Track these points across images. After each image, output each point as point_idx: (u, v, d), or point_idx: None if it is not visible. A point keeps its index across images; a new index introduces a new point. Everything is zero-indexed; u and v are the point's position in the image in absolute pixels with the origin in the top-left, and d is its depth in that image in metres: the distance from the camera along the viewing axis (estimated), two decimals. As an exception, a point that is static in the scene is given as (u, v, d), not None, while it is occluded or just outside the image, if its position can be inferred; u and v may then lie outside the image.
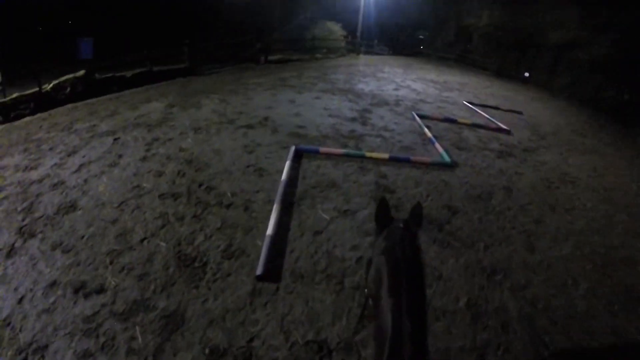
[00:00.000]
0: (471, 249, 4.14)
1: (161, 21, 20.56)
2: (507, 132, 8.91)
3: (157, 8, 20.95)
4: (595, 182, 6.78)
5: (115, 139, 6.36)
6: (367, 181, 5.17)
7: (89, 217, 4.21)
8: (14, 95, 9.99)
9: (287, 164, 5.28)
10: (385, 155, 5.88)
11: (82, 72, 11.22)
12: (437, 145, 6.78)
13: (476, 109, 10.63)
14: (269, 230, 3.91)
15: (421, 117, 8.54)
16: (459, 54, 23.51)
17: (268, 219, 4.15)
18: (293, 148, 5.77)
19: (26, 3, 19.31)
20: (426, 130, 7.53)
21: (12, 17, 18.88)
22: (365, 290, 1.45)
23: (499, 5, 20.42)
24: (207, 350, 2.72)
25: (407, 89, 12.14)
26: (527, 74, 19.30)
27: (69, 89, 10.89)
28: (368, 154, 5.85)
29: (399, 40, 24.06)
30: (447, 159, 6.19)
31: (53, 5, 20.17)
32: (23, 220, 4.20)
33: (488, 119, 9.74)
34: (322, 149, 5.83)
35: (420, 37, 25.80)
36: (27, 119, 8.90)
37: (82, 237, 3.89)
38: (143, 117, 7.59)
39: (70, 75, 11.11)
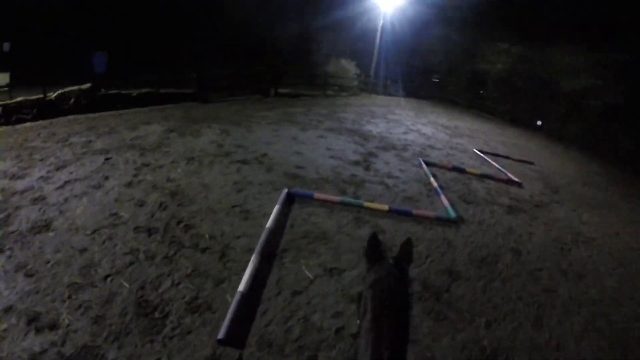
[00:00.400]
0: (471, 325, 3.63)
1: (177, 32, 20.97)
2: (519, 184, 8.47)
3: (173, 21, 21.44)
4: (610, 243, 6.27)
5: (106, 159, 6.15)
6: (361, 235, 4.73)
7: (60, 241, 3.93)
8: (19, 98, 9.99)
9: (276, 208, 4.89)
10: (385, 207, 5.45)
11: (88, 85, 11.22)
12: (443, 197, 6.36)
13: (487, 158, 10.25)
14: (242, 285, 3.47)
15: (428, 164, 8.17)
16: (471, 99, 23.42)
17: (244, 271, 3.74)
18: (285, 191, 5.40)
19: (46, 10, 19.85)
20: (432, 179, 7.13)
21: (31, 23, 19.39)
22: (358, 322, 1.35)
23: (514, 52, 20.44)
24: None
25: (416, 132, 11.86)
26: (539, 122, 19.02)
27: (73, 100, 10.84)
28: (366, 204, 5.44)
29: (413, 83, 24.12)
30: (452, 214, 5.75)
31: (71, 16, 20.74)
32: (-4, 232, 3.96)
33: (499, 169, 9.33)
34: (317, 195, 5.45)
35: (435, 80, 25.92)
36: (28, 124, 8.91)
37: (48, 262, 3.60)
38: (140, 139, 7.39)
39: (76, 87, 11.07)
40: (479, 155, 10.60)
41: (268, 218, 4.67)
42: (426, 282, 4.09)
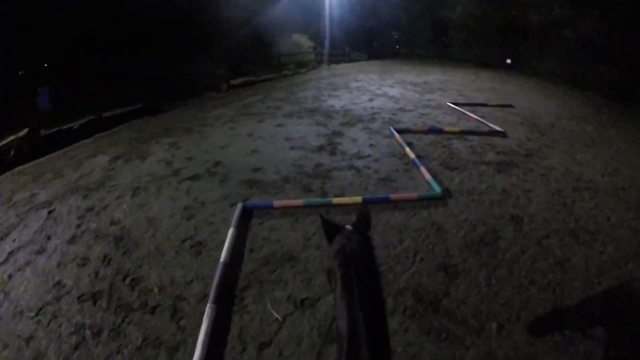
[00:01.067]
0: (480, 336, 2.92)
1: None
2: (502, 134, 7.75)
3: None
4: (613, 183, 5.63)
5: (49, 212, 5.22)
6: (333, 244, 3.94)
7: (5, 332, 3.20)
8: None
9: (231, 232, 4.06)
10: (358, 199, 4.66)
11: (25, 131, 10.10)
12: (423, 169, 5.58)
13: (463, 110, 9.46)
14: (197, 352, 2.71)
15: (400, 132, 7.36)
16: (437, 49, 22.46)
17: (199, 328, 2.96)
18: (240, 206, 4.55)
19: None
20: (407, 149, 6.34)
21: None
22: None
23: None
24: None
25: (383, 97, 10.99)
26: (509, 61, 18.24)
27: (13, 152, 9.74)
28: (335, 201, 4.63)
29: (373, 44, 22.98)
30: (436, 189, 4.99)
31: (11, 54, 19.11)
32: None
33: (479, 121, 8.57)
34: (277, 202, 4.62)
35: (395, 36, 24.77)
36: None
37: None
38: (84, 177, 6.42)
39: (13, 137, 9.99)
40: (455, 108, 9.81)
41: (223, 247, 3.85)
42: (418, 290, 3.34)
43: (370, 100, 10.47)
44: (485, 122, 8.38)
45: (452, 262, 3.71)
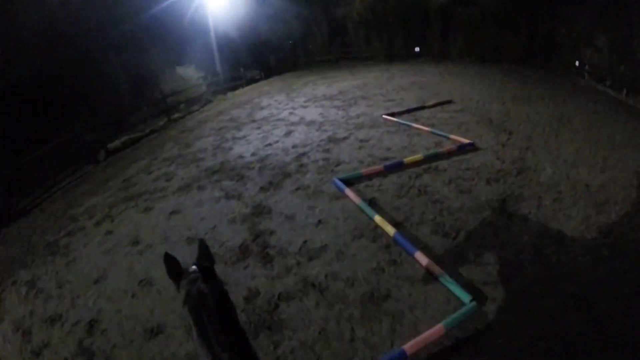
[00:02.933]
0: None
1: None
2: (472, 145, 5.96)
3: None
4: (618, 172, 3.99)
5: None
6: None
7: None
8: None
9: None
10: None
11: None
12: (420, 255, 3.35)
13: (405, 122, 7.58)
14: None
15: (349, 182, 5.13)
16: (339, 51, 20.81)
17: None
18: None
19: None
20: (377, 217, 4.08)
21: None
22: None
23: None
24: None
25: (301, 125, 8.72)
26: (417, 49, 17.21)
27: None
28: None
29: (269, 59, 20.68)
30: (465, 298, 2.80)
31: None
32: None
33: (434, 133, 6.72)
34: None
35: (289, 46, 22.73)
36: None
37: None
38: None
39: None
40: (393, 120, 7.91)
41: None
42: None
43: (288, 134, 8.12)
44: (443, 133, 6.57)
45: None
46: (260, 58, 20.34)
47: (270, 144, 7.59)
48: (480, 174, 4.96)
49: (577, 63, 12.26)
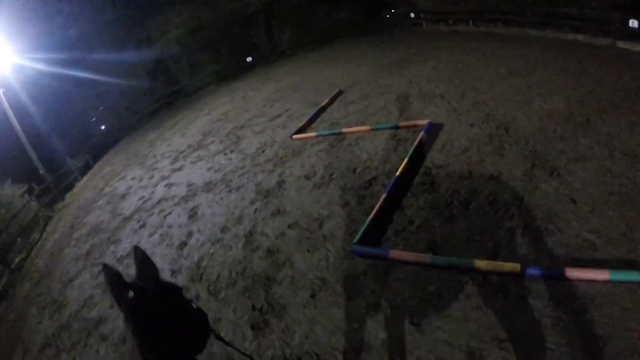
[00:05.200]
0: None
1: None
2: (431, 124, 4.97)
3: None
4: None
5: None
6: None
7: None
8: None
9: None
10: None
11: None
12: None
13: (331, 131, 6.24)
14: None
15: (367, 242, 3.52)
16: (164, 97, 17.42)
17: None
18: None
19: None
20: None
21: None
22: None
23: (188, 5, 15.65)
24: None
25: (202, 195, 6.53)
26: (249, 59, 15.88)
27: None
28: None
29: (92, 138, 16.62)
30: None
31: None
32: None
33: (378, 128, 5.51)
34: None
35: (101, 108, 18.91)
36: None
37: None
38: None
39: None
40: (310, 136, 6.48)
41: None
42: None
43: (193, 216, 5.90)
44: (388, 124, 5.41)
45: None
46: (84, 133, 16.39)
47: (185, 243, 5.27)
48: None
49: (412, 14, 12.83)
